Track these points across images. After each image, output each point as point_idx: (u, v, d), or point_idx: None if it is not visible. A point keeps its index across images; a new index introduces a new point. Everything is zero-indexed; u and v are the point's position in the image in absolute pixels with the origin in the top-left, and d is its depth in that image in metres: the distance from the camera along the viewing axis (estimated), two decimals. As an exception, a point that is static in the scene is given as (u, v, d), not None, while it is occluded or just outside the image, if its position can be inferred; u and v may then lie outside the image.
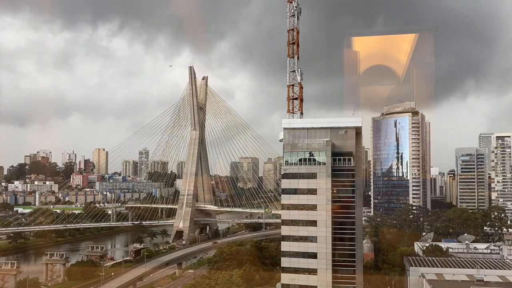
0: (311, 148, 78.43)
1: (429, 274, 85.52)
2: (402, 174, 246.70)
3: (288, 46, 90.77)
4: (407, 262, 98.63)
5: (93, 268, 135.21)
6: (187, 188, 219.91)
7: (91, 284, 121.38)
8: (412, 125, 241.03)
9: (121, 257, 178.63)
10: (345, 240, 76.33)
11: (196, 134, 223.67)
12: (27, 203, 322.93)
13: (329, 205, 75.35)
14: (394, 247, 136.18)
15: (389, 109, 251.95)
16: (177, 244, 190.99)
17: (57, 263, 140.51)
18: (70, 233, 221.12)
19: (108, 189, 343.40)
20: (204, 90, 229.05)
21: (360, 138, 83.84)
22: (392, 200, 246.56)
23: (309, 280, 75.28)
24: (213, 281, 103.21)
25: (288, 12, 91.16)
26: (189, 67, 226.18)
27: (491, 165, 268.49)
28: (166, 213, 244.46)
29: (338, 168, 77.00)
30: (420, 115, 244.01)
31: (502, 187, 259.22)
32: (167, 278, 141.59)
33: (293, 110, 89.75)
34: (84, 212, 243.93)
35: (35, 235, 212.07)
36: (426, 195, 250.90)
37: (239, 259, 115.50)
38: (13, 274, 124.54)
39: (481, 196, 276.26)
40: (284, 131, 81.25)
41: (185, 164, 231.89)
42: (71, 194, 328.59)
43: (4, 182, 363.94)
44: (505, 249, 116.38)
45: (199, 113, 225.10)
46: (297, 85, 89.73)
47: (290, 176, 79.14)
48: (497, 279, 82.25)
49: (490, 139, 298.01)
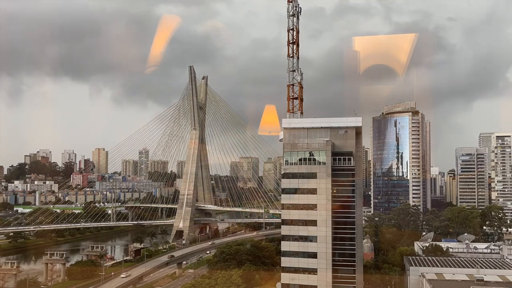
0: (311, 148, 78.38)
1: (429, 273, 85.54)
2: (402, 174, 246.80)
3: (288, 46, 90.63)
4: (407, 261, 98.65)
5: (93, 267, 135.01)
6: (187, 187, 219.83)
7: (91, 283, 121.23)
8: (412, 125, 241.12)
9: (121, 257, 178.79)
10: (345, 239, 76.33)
11: (196, 134, 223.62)
12: (27, 202, 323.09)
13: (329, 204, 75.36)
14: (394, 247, 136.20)
15: (389, 108, 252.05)
16: (177, 244, 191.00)
17: (57, 263, 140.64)
18: (70, 232, 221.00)
19: (108, 188, 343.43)
20: (204, 90, 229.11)
21: (360, 138, 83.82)
22: (392, 200, 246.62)
23: (309, 280, 75.31)
24: (213, 281, 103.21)
25: (288, 11, 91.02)
26: (189, 67, 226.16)
27: (491, 165, 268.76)
28: (166, 212, 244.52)
29: (338, 168, 77.01)
30: (420, 114, 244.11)
31: (502, 186, 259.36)
32: (167, 277, 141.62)
33: (293, 110, 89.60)
34: (84, 211, 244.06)
35: (35, 235, 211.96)
36: (426, 195, 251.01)
37: (239, 259, 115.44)
38: (13, 274, 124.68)
39: (481, 195, 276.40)
40: (284, 130, 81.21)
41: (185, 163, 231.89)
42: (71, 193, 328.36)
43: (4, 182, 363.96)
44: (505, 249, 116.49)
45: (199, 113, 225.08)
46: (297, 85, 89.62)
47: (290, 176, 79.11)
48: (497, 279, 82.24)
49: (490, 139, 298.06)
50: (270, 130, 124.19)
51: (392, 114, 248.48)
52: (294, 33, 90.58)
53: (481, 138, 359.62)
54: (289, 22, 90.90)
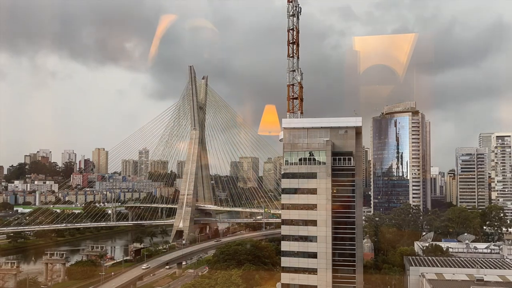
0: (311, 147, 78.34)
1: (429, 273, 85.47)
2: (402, 174, 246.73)
3: (288, 45, 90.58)
4: (407, 261, 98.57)
5: (93, 267, 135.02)
6: (187, 187, 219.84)
7: (91, 283, 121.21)
8: (412, 125, 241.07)
9: (121, 257, 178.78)
10: (345, 239, 76.28)
11: (196, 134, 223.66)
12: (27, 202, 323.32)
13: (329, 204, 75.31)
14: (394, 247, 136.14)
15: (389, 108, 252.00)
16: (177, 244, 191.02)
17: (57, 263, 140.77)
18: (70, 232, 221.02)
19: (108, 188, 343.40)
20: (204, 90, 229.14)
21: (360, 138, 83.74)
22: (392, 200, 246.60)
23: (309, 280, 75.26)
24: (213, 281, 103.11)
25: (288, 11, 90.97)
26: (189, 67, 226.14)
27: (491, 165, 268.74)
28: (166, 212, 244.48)
29: (338, 168, 76.94)
30: (420, 114, 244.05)
31: (502, 186, 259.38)
32: (167, 277, 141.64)
33: (293, 110, 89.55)
34: (84, 211, 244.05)
35: (35, 235, 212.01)
36: (426, 195, 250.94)
37: (239, 259, 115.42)
38: (13, 274, 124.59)
39: (481, 195, 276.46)
40: (284, 130, 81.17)
41: (185, 163, 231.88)
42: (71, 193, 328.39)
43: (4, 181, 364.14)
44: (505, 249, 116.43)
45: (199, 113, 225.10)
46: (297, 85, 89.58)
47: (290, 175, 79.06)
48: (497, 279, 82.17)
49: (490, 139, 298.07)
50: (270, 130, 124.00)
51: (392, 114, 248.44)
52: (294, 33, 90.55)
53: (481, 138, 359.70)
54: (289, 22, 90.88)
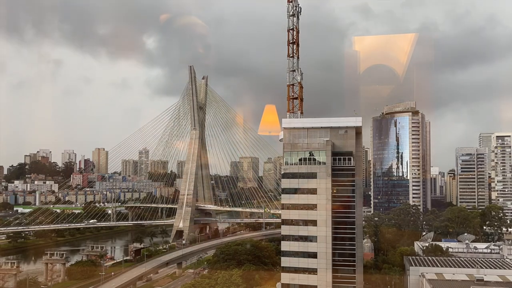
0: (311, 147, 78.35)
1: (429, 273, 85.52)
2: (402, 174, 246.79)
3: (288, 45, 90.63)
4: (407, 261, 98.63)
5: (93, 267, 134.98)
6: (187, 187, 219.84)
7: (91, 283, 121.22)
8: (412, 125, 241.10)
9: (121, 257, 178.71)
10: (345, 239, 76.30)
11: (196, 134, 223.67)
12: (27, 202, 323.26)
13: (329, 204, 75.33)
14: (394, 247, 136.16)
15: (389, 108, 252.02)
16: (177, 244, 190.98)
17: (57, 263, 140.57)
18: (70, 232, 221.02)
19: (108, 188, 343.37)
20: (204, 90, 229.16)
21: (360, 138, 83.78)
22: (392, 200, 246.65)
23: (309, 280, 75.27)
24: (213, 281, 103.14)
25: (288, 11, 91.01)
26: (189, 67, 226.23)
27: (491, 165, 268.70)
28: (166, 212, 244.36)
29: (338, 168, 76.96)
30: (420, 114, 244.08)
31: (502, 186, 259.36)
32: (167, 277, 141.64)
33: (293, 110, 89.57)
34: (84, 211, 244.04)
35: (35, 235, 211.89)
36: (426, 195, 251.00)
37: (239, 259, 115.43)
38: (13, 274, 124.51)
39: (481, 195, 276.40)
40: (284, 130, 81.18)
41: (185, 163, 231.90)
42: (71, 193, 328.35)
43: (4, 181, 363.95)
44: (505, 249, 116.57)
45: (199, 113, 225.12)
46: (297, 85, 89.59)
47: (290, 175, 79.08)
48: (497, 279, 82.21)
49: (490, 139, 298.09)
50: (270, 130, 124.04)
51: (392, 114, 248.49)
52: (294, 33, 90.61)
53: (481, 138, 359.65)
54: (289, 22, 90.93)
